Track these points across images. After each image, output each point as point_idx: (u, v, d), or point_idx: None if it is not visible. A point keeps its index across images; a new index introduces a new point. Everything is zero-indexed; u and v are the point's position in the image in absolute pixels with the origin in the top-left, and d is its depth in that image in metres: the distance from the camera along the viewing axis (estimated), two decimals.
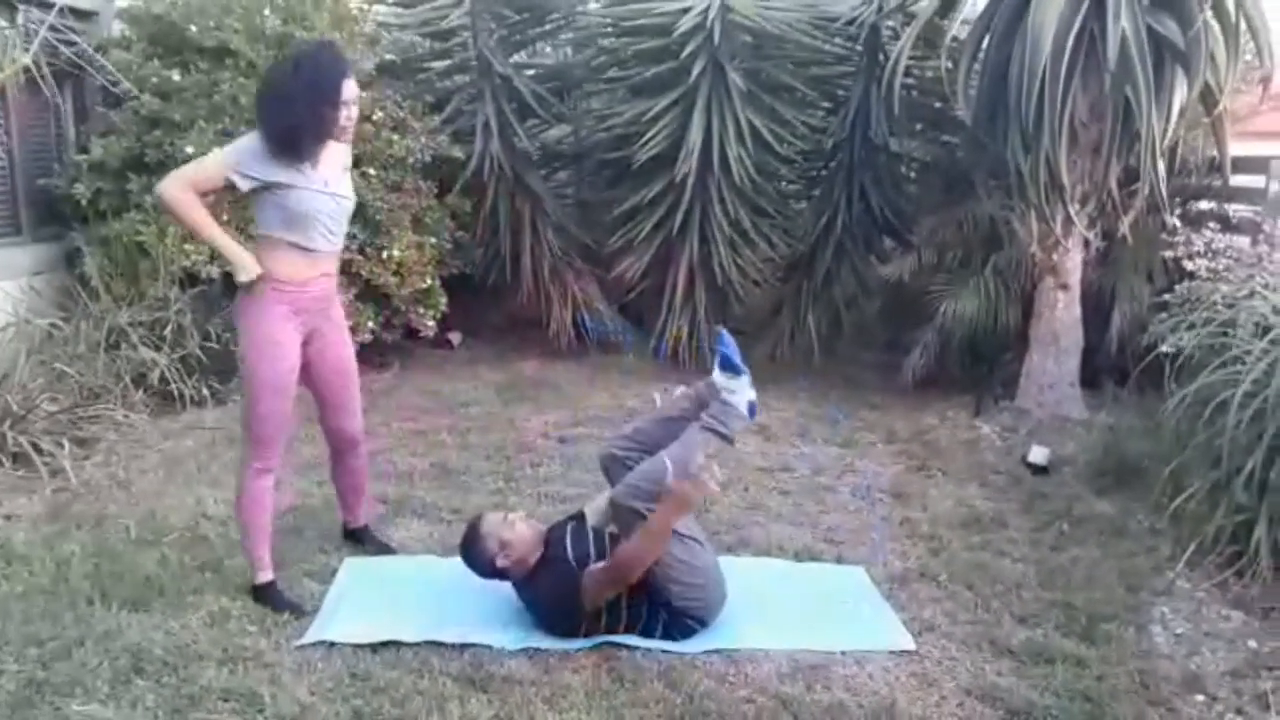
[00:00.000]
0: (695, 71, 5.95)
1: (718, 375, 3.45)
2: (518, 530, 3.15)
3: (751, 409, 3.41)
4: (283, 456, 3.36)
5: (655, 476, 3.10)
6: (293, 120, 3.00)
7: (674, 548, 3.06)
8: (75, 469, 4.29)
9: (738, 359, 3.39)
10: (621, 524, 3.14)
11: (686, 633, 3.11)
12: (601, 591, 3.02)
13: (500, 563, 3.12)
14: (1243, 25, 4.81)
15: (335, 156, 3.19)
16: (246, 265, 3.06)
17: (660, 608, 3.08)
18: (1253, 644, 3.17)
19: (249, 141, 3.06)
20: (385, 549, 3.69)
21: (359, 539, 3.72)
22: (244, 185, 3.03)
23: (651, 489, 3.07)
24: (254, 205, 3.12)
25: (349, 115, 3.11)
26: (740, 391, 3.39)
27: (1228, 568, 3.54)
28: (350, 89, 3.07)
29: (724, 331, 3.51)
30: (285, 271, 3.11)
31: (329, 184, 3.15)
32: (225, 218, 5.50)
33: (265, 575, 3.26)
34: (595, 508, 3.39)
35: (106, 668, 2.82)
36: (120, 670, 2.81)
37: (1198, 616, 3.36)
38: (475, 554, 3.15)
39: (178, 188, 3.02)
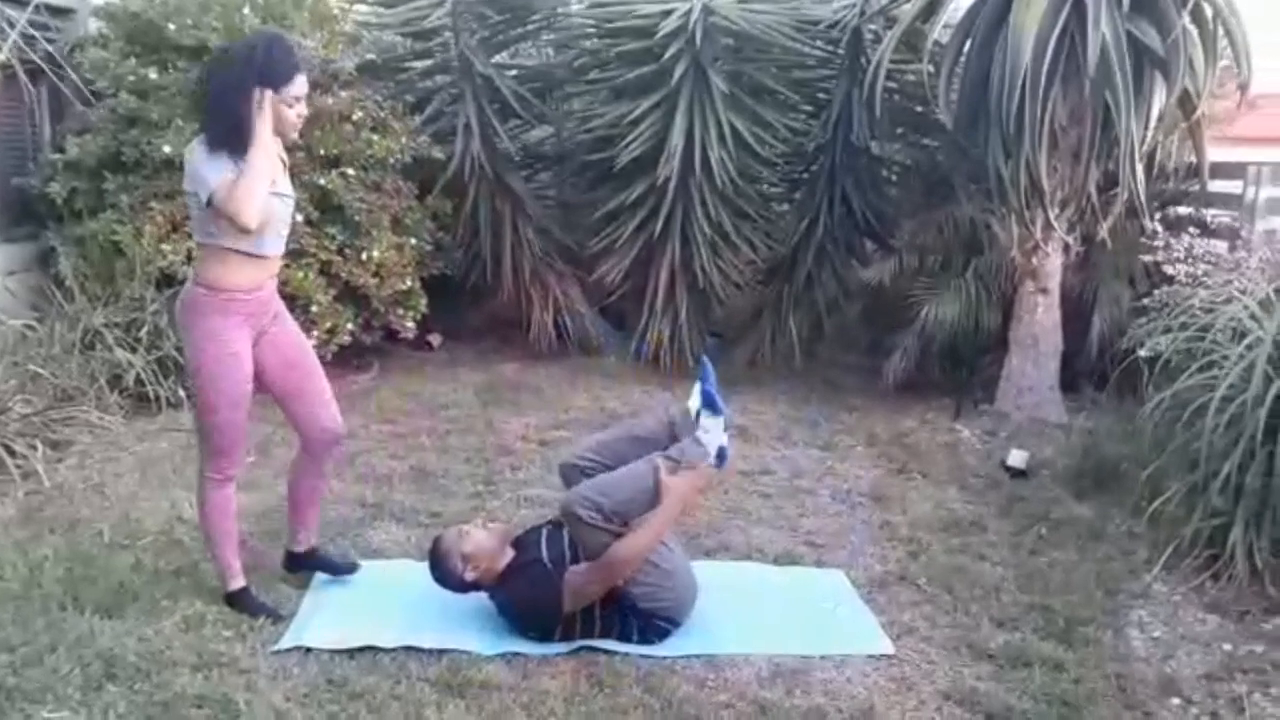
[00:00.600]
0: (677, 74, 5.94)
1: (695, 403, 3.27)
2: (476, 540, 3.14)
3: (721, 455, 3.22)
4: (243, 462, 3.29)
5: (603, 489, 3.07)
6: (242, 112, 2.82)
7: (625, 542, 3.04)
8: (48, 471, 4.23)
9: (718, 399, 3.21)
10: (571, 530, 3.11)
11: (661, 634, 3.10)
12: (588, 590, 3.00)
13: (469, 577, 3.12)
14: (1220, 32, 4.85)
15: (275, 154, 3.00)
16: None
17: (629, 611, 3.07)
18: (1228, 647, 3.19)
19: (194, 154, 2.88)
20: (339, 568, 3.44)
21: (302, 565, 3.41)
22: (204, 196, 2.83)
23: (599, 501, 3.02)
24: (194, 210, 2.94)
25: (300, 112, 2.97)
26: (714, 432, 3.20)
27: (1204, 571, 3.57)
28: (302, 84, 2.95)
29: (708, 363, 3.31)
30: (237, 280, 2.96)
31: (276, 184, 2.96)
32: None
33: (237, 582, 3.21)
34: None
35: (78, 674, 2.77)
36: (92, 676, 2.77)
37: (1174, 620, 3.38)
38: (443, 576, 3.15)
39: (256, 211, 2.83)
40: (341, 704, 2.72)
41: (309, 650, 2.96)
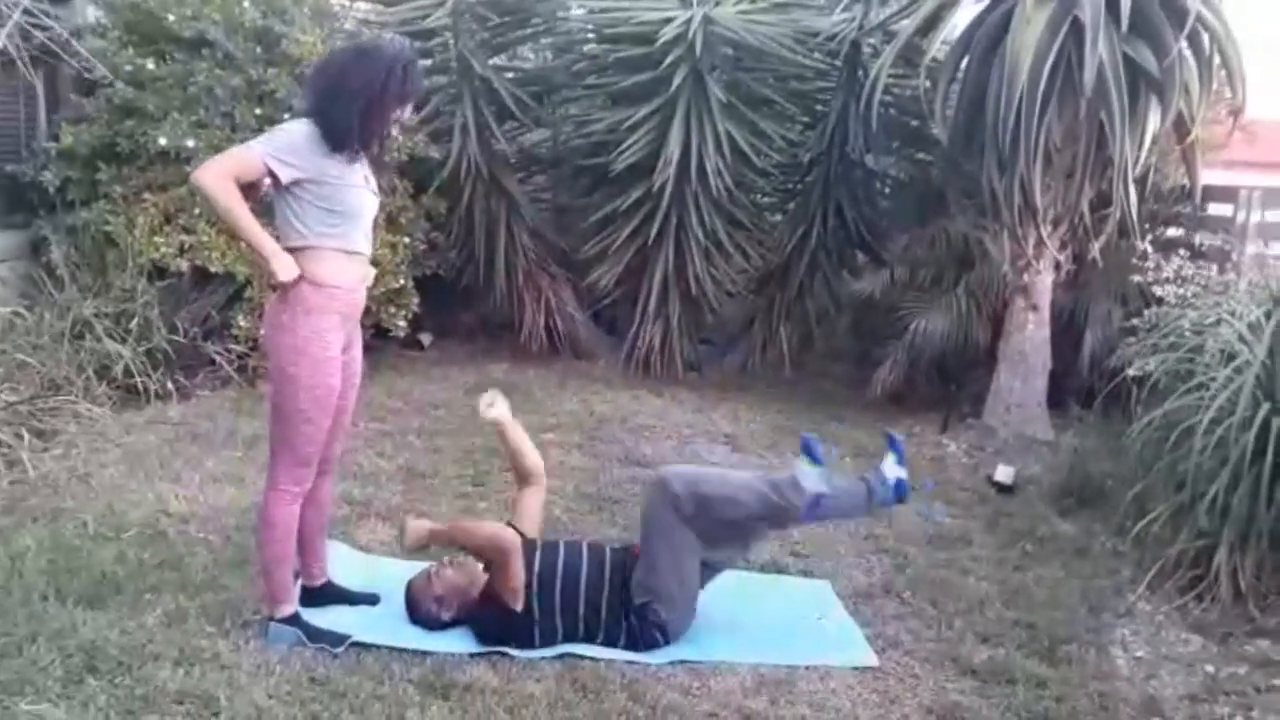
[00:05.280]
0: (676, 81, 5.96)
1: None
2: (446, 580, 3.14)
3: (817, 503, 3.21)
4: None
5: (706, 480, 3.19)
6: (373, 115, 2.82)
7: (677, 550, 3.11)
8: (33, 461, 4.19)
9: (816, 448, 3.29)
10: (651, 496, 3.23)
11: (650, 644, 3.10)
12: (506, 571, 3.03)
13: (446, 617, 3.12)
14: (1216, 59, 4.89)
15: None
16: (286, 264, 2.76)
17: (633, 613, 3.08)
18: (1211, 668, 3.21)
19: (292, 129, 2.82)
20: (359, 599, 3.30)
21: (321, 600, 3.22)
22: (285, 175, 2.75)
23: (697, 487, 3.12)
24: (284, 208, 2.83)
25: (394, 132, 3.04)
26: (811, 479, 3.22)
27: (1188, 591, 3.58)
28: (409, 109, 3.03)
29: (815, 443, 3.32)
30: (340, 277, 2.86)
31: (369, 180, 2.95)
32: (196, 211, 5.46)
33: (290, 608, 3.03)
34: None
35: (58, 666, 2.75)
36: (73, 669, 2.75)
37: (1157, 639, 3.39)
38: (422, 620, 3.14)
39: (215, 174, 2.71)
40: (324, 703, 2.70)
41: (291, 648, 2.94)
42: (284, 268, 2.77)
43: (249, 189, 2.79)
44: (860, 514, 3.63)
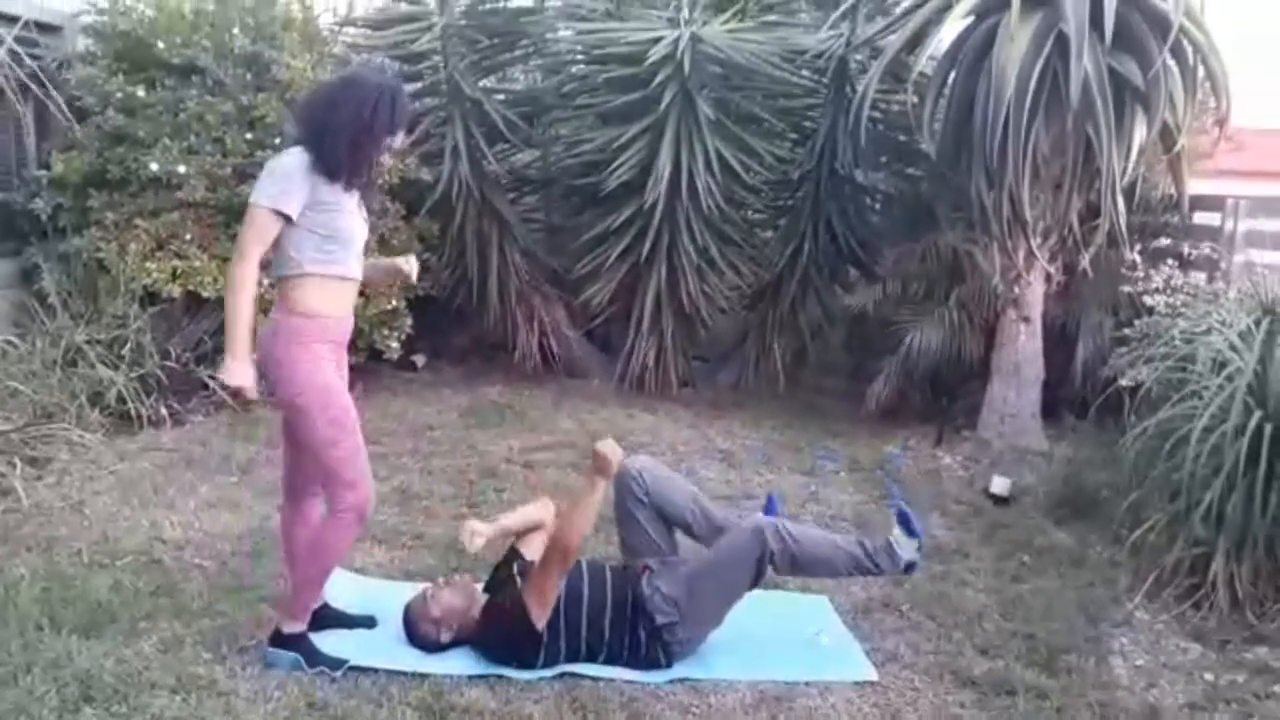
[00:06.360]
0: (665, 100, 5.99)
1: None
2: (443, 602, 3.12)
3: (910, 568, 3.31)
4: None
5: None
6: (362, 146, 2.84)
7: (734, 590, 3.16)
8: (27, 489, 4.18)
9: (915, 522, 3.32)
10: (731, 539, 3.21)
11: (652, 665, 3.09)
12: (546, 583, 3.00)
13: (445, 639, 3.11)
14: (1200, 70, 4.93)
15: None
16: (239, 372, 2.78)
17: (645, 631, 3.07)
18: (1209, 676, 3.21)
19: (282, 165, 2.82)
20: (356, 622, 3.28)
21: (319, 624, 3.17)
22: (294, 208, 2.78)
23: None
24: (284, 239, 2.83)
25: (385, 161, 3.04)
26: (906, 549, 3.28)
27: (1185, 600, 3.59)
28: (400, 138, 3.02)
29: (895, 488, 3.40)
30: (333, 306, 2.89)
31: (361, 207, 2.99)
32: (188, 236, 5.47)
33: (304, 626, 3.04)
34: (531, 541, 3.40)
35: (54, 695, 2.73)
36: (69, 698, 2.73)
37: (1156, 648, 3.40)
38: (420, 643, 3.13)
39: (249, 268, 2.76)
40: None
41: (289, 672, 2.93)
42: (233, 374, 2.78)
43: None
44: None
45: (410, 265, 3.22)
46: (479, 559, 3.47)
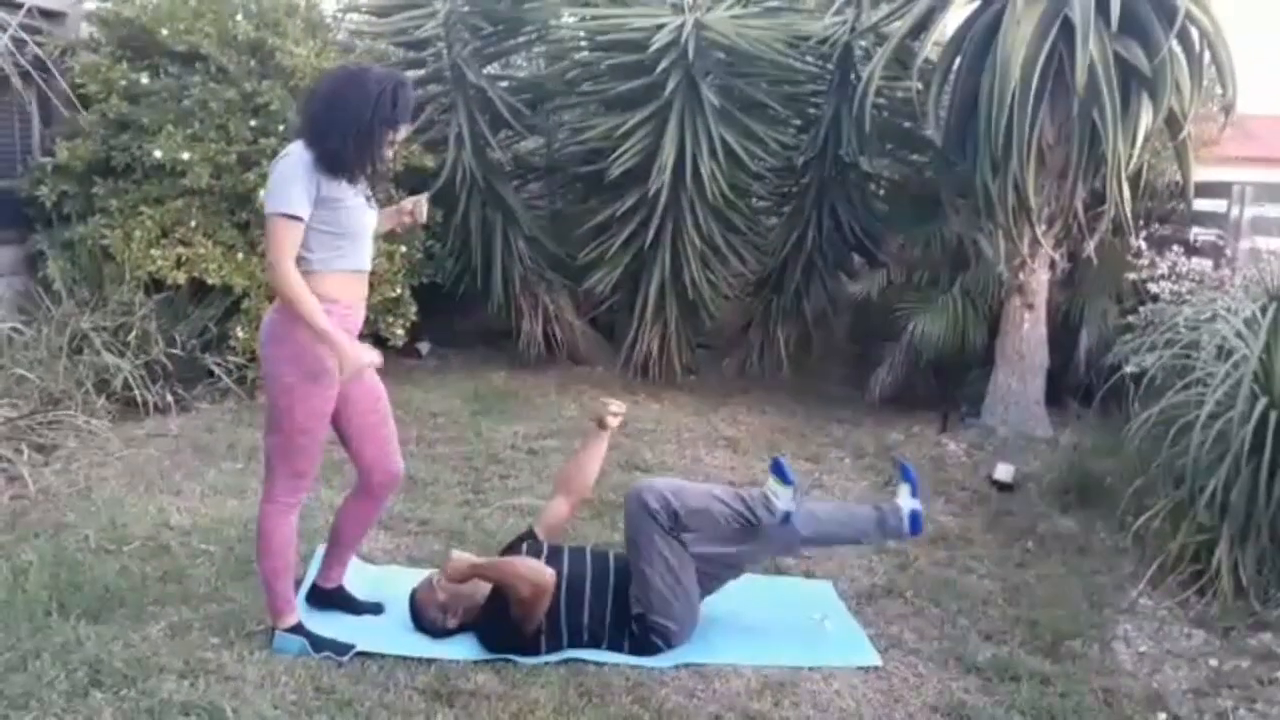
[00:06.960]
0: (669, 87, 5.97)
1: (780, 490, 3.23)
2: (449, 588, 3.13)
3: (787, 518, 3.18)
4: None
5: (679, 492, 3.16)
6: (366, 141, 2.81)
7: (665, 560, 3.09)
8: (34, 476, 4.19)
9: (787, 469, 3.22)
10: (628, 517, 3.18)
11: (653, 651, 3.10)
12: (528, 616, 3.01)
13: (451, 625, 3.12)
14: (1207, 56, 4.91)
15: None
16: (358, 351, 2.86)
17: (632, 620, 3.08)
18: (1214, 662, 3.22)
19: (286, 168, 2.79)
20: (363, 608, 3.30)
21: (327, 603, 3.27)
22: (305, 209, 2.77)
23: (669, 500, 3.10)
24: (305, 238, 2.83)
25: (390, 154, 3.00)
26: (783, 499, 3.19)
27: (1189, 586, 3.59)
28: (406, 130, 2.99)
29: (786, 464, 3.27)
30: (336, 291, 2.88)
31: (369, 199, 2.99)
32: (193, 223, 5.47)
33: (292, 619, 3.04)
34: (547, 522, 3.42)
35: (63, 680, 2.75)
36: (78, 683, 2.75)
37: (1160, 634, 3.41)
38: (426, 628, 3.14)
39: (289, 273, 2.75)
40: (330, 712, 2.70)
41: (296, 657, 2.95)
42: (361, 353, 2.88)
43: None
44: (869, 540, 3.55)
45: (416, 205, 3.30)
46: (487, 545, 3.48)
